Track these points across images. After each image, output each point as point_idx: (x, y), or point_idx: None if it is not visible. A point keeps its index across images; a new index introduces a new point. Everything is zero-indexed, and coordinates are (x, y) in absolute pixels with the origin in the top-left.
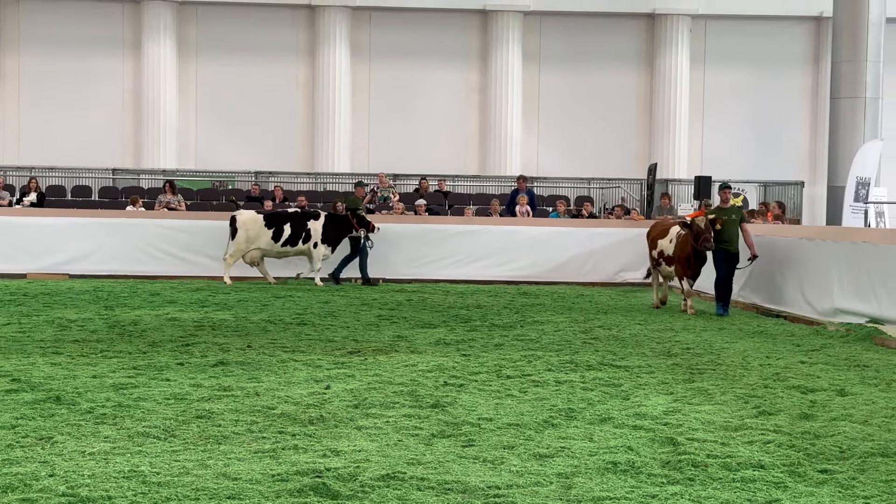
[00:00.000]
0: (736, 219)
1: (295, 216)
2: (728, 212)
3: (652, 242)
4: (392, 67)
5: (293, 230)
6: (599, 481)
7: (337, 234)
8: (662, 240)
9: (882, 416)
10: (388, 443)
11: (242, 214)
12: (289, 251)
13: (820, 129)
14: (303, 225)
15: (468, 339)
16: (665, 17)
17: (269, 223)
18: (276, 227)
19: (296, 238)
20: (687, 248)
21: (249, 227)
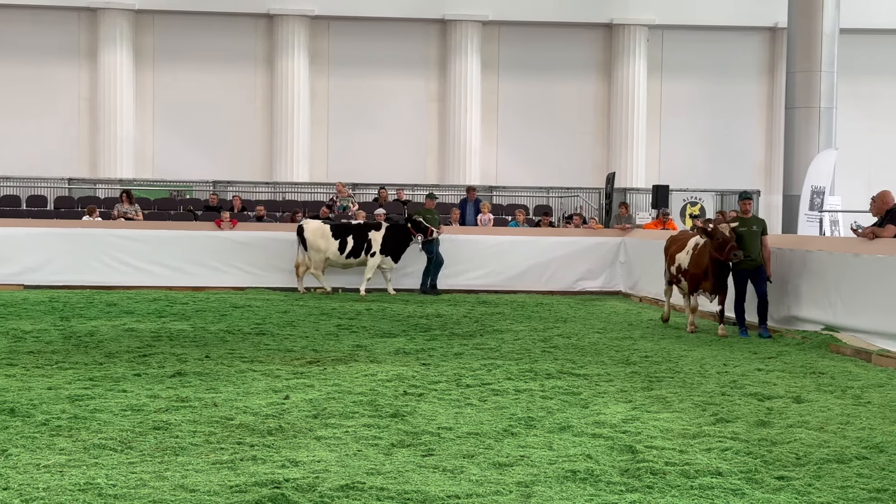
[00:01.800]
0: (758, 230)
1: (357, 227)
2: (749, 222)
3: (671, 258)
4: (351, 76)
5: (356, 241)
6: (559, 490)
7: (397, 245)
8: (680, 253)
9: (837, 422)
10: (347, 453)
11: (309, 224)
12: (352, 262)
13: (775, 138)
14: (364, 236)
15: (428, 348)
16: (622, 27)
17: (335, 234)
18: (342, 239)
19: (359, 250)
20: (704, 261)
21: (318, 238)
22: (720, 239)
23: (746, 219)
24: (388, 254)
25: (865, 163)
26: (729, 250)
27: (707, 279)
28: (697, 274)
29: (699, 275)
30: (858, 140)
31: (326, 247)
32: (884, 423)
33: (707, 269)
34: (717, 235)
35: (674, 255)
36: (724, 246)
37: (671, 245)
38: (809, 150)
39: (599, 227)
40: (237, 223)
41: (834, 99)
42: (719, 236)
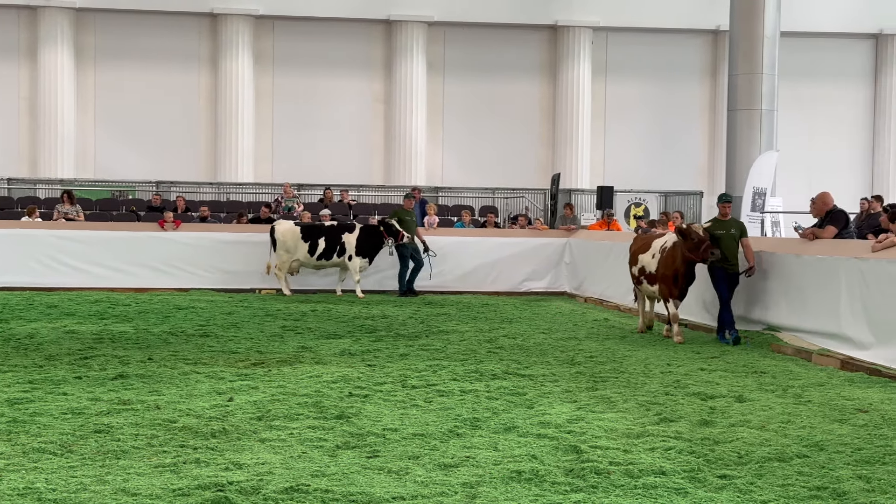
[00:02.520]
0: (736, 233)
1: (330, 229)
2: (727, 225)
3: (632, 257)
4: (296, 76)
5: (328, 243)
6: (504, 490)
7: (371, 246)
8: (644, 254)
9: (779, 421)
10: (291, 455)
11: (281, 225)
12: (325, 264)
13: (718, 140)
14: (337, 238)
15: (373, 349)
16: (567, 29)
17: (305, 236)
18: (312, 241)
19: (330, 252)
20: (675, 264)
21: (287, 239)
22: (695, 239)
23: (724, 221)
24: (363, 255)
25: (806, 164)
26: (705, 250)
27: (676, 284)
28: (667, 276)
29: (669, 277)
30: (799, 142)
31: (295, 248)
32: (824, 422)
33: (676, 273)
34: (691, 235)
35: (636, 254)
36: (700, 246)
37: (633, 244)
38: (751, 151)
39: (544, 228)
40: (181, 224)
41: (775, 101)
42: (694, 236)
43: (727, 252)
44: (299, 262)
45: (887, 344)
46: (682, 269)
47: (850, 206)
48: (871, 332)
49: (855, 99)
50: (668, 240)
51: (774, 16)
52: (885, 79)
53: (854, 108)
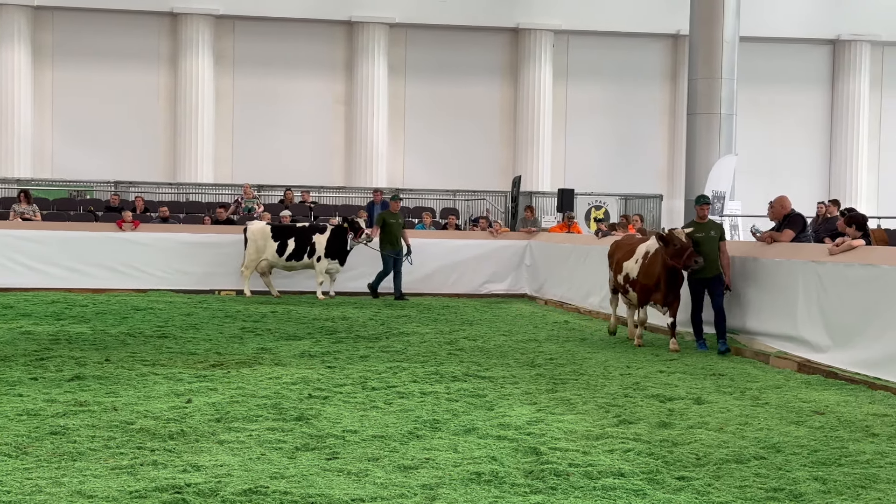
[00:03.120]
0: (715, 236)
1: (301, 230)
2: (706, 228)
3: (616, 265)
4: (257, 77)
5: (297, 244)
6: (463, 492)
7: (342, 247)
8: (628, 261)
9: (736, 423)
10: (250, 457)
11: (253, 225)
12: (294, 265)
13: (678, 143)
14: (308, 239)
15: (333, 350)
16: (528, 32)
17: (275, 236)
18: (282, 241)
19: (300, 252)
20: (655, 270)
21: (258, 238)
22: (677, 245)
23: (703, 224)
24: (333, 257)
25: (764, 168)
26: (688, 257)
27: (658, 290)
28: (648, 285)
29: (650, 286)
30: (757, 146)
31: (265, 248)
32: (781, 424)
33: (659, 280)
34: (673, 241)
35: (620, 262)
36: (682, 252)
37: (616, 251)
38: (710, 155)
39: (505, 231)
40: (139, 224)
41: (734, 105)
42: (676, 242)
43: (707, 255)
44: (268, 261)
45: (844, 347)
46: (665, 276)
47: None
48: (827, 335)
49: (813, 104)
50: (651, 245)
51: (734, 21)
52: (842, 84)
53: (812, 113)
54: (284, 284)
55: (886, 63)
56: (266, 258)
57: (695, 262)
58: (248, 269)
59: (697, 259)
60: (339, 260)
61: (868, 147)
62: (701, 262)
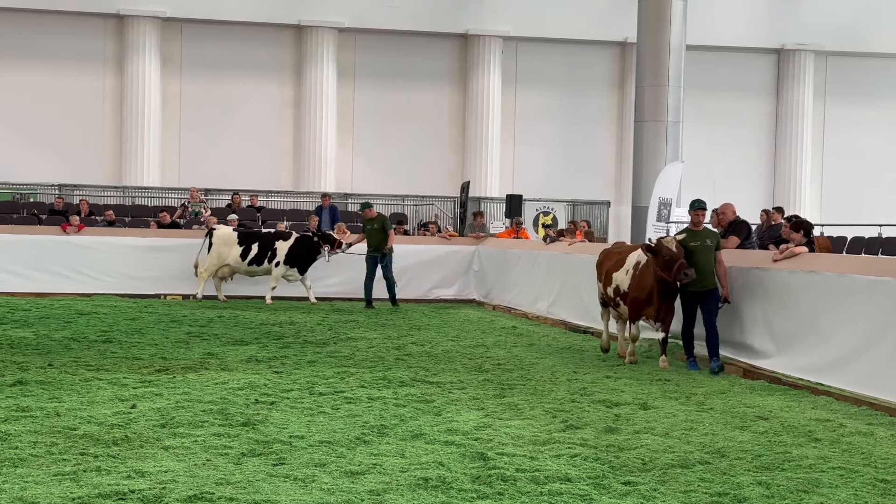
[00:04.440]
0: (711, 245)
1: (265, 236)
2: (700, 236)
3: (606, 276)
4: (204, 80)
5: (260, 249)
6: (410, 497)
7: (305, 256)
8: (618, 272)
9: (682, 428)
10: (195, 463)
11: (219, 230)
12: (256, 270)
13: (625, 150)
14: (270, 244)
15: (280, 356)
16: (477, 38)
17: (241, 241)
18: (246, 246)
19: (262, 258)
20: (647, 282)
21: (222, 243)
22: (667, 256)
23: (697, 231)
24: (293, 265)
25: (710, 176)
26: (678, 269)
27: (650, 304)
28: (639, 298)
29: (642, 300)
30: (703, 154)
31: (228, 253)
32: (725, 429)
33: (651, 293)
34: (662, 252)
35: (609, 272)
36: (672, 264)
37: (605, 260)
38: (657, 162)
39: (454, 236)
40: (84, 227)
41: (680, 113)
42: (665, 253)
43: (701, 266)
44: (230, 267)
45: (787, 353)
46: (658, 288)
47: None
48: (772, 341)
49: (758, 112)
50: (642, 254)
51: (680, 29)
52: (786, 93)
53: (757, 121)
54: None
55: (830, 73)
56: (228, 263)
57: (684, 275)
58: (206, 272)
59: (688, 271)
60: (299, 268)
61: (811, 155)
62: (692, 274)
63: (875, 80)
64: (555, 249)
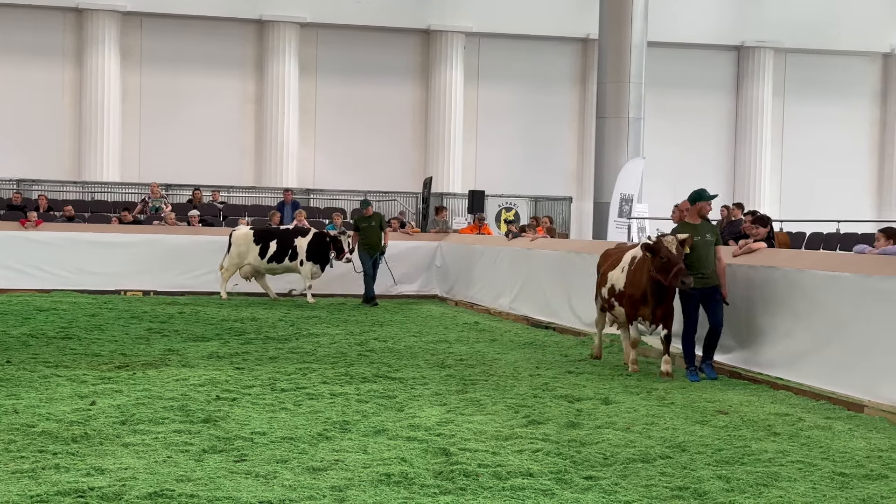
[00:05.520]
0: (712, 240)
1: (283, 233)
2: (700, 230)
3: (602, 277)
4: (165, 75)
5: (279, 247)
6: (373, 493)
7: (322, 253)
8: (613, 271)
9: (643, 423)
10: (156, 459)
11: (238, 230)
12: (276, 268)
13: (587, 146)
14: (289, 242)
15: (242, 352)
16: (440, 34)
17: (257, 239)
18: (264, 244)
19: (281, 255)
20: (642, 280)
21: (241, 243)
22: (665, 257)
23: (696, 225)
24: (316, 261)
25: (670, 171)
26: (675, 275)
27: (646, 304)
28: (635, 296)
29: (637, 298)
30: (665, 150)
31: (247, 253)
32: (686, 423)
33: (646, 291)
34: (661, 252)
35: (605, 273)
36: (670, 267)
37: (604, 262)
38: (619, 158)
39: (417, 231)
40: (42, 223)
41: (642, 109)
42: (664, 254)
43: (701, 262)
44: (251, 266)
45: (747, 347)
46: (651, 286)
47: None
48: (731, 336)
49: (718, 109)
50: (640, 251)
51: (642, 26)
52: (746, 90)
53: (718, 118)
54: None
55: (789, 70)
56: (249, 262)
57: (682, 283)
58: (227, 272)
59: (686, 279)
60: (320, 265)
61: (771, 152)
62: (690, 282)
63: (834, 78)
64: (517, 245)
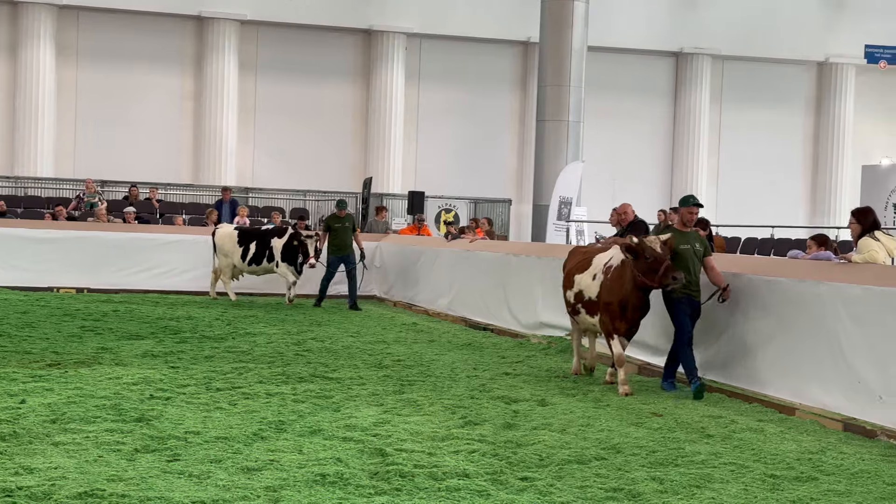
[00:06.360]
0: (700, 250)
1: (263, 234)
2: (689, 238)
3: (567, 278)
4: (102, 70)
5: (257, 248)
6: (308, 493)
7: (294, 254)
8: (582, 274)
9: (579, 424)
10: (87, 459)
11: (220, 229)
12: (256, 269)
13: (527, 149)
14: (267, 243)
15: (177, 350)
16: (381, 34)
17: (240, 241)
18: (245, 246)
19: (260, 257)
20: (623, 288)
21: (225, 242)
22: (650, 257)
23: (685, 233)
24: (291, 262)
25: (609, 175)
26: (664, 273)
27: (624, 318)
28: (615, 309)
29: (617, 311)
30: (603, 153)
31: (232, 252)
32: (621, 425)
33: (625, 304)
34: (645, 252)
35: (572, 274)
36: (657, 267)
37: (569, 260)
38: (558, 161)
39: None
40: None
41: (581, 113)
42: (649, 253)
43: (687, 272)
44: (237, 267)
45: None
46: (634, 297)
47: (651, 218)
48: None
49: (657, 114)
50: (615, 256)
51: (582, 30)
52: (684, 96)
53: (656, 123)
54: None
55: (726, 77)
56: (233, 263)
57: (673, 279)
58: (224, 274)
59: (677, 275)
60: (293, 266)
61: (707, 157)
62: (682, 278)
63: (770, 86)
64: (456, 247)
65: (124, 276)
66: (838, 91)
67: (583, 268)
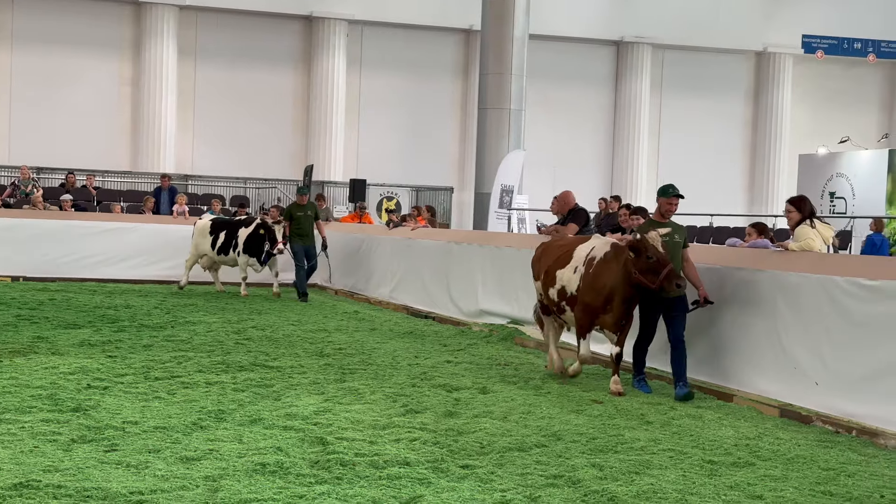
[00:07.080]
0: (680, 241)
1: (233, 224)
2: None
3: (547, 275)
4: (37, 54)
5: (225, 238)
6: (247, 483)
7: (258, 244)
8: (563, 270)
9: (520, 412)
10: (22, 450)
11: (199, 221)
12: (226, 259)
13: (469, 137)
14: (234, 232)
15: (115, 339)
16: (322, 21)
17: (211, 230)
18: (215, 235)
19: (227, 246)
20: (606, 283)
21: (198, 234)
22: (654, 258)
23: (664, 223)
24: (253, 254)
25: (550, 163)
26: (667, 278)
27: (608, 311)
28: (593, 305)
29: (596, 306)
30: (544, 142)
31: (203, 243)
32: (562, 413)
33: (610, 297)
34: (648, 250)
35: (552, 271)
36: (659, 269)
37: (544, 255)
38: (500, 149)
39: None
40: None
41: (523, 101)
42: (652, 252)
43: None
44: (208, 257)
45: None
46: (625, 294)
47: (592, 206)
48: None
49: (598, 102)
50: (597, 247)
51: (524, 19)
52: (624, 84)
53: (597, 112)
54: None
55: (666, 66)
56: (206, 253)
57: (677, 287)
58: (187, 262)
59: (680, 282)
60: (258, 258)
61: (648, 145)
62: (685, 285)
63: (709, 75)
64: (398, 234)
65: (61, 265)
66: (776, 80)
67: (563, 263)
